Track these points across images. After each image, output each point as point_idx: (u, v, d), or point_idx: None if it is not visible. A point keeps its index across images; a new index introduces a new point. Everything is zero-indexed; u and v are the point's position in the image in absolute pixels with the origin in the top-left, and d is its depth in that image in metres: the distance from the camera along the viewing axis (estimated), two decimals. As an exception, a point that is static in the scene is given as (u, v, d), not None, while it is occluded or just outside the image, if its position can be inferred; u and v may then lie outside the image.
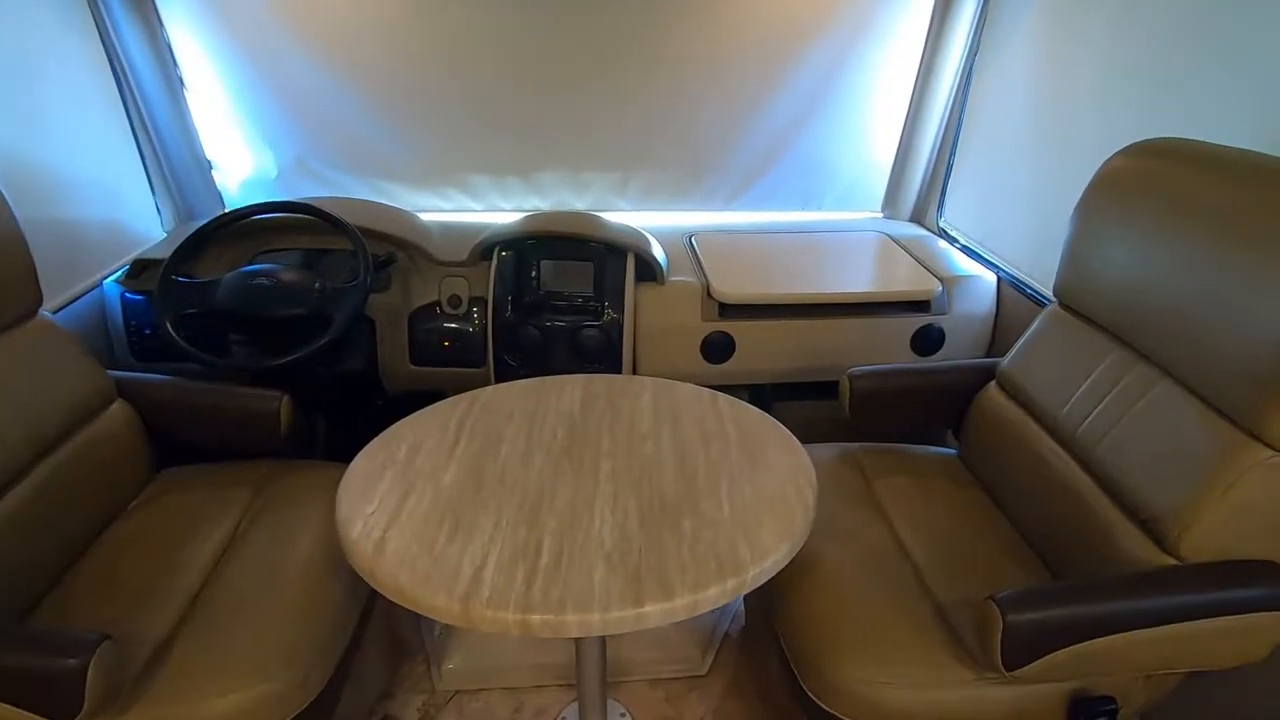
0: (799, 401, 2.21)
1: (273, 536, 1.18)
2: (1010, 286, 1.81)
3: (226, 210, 1.56)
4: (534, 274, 1.74)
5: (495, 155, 2.15)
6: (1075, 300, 1.23)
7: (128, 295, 1.65)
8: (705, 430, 1.16)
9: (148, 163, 1.90)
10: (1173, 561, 0.95)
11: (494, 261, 1.72)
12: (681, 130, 2.13)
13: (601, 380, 1.31)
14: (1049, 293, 1.65)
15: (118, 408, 1.29)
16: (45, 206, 1.52)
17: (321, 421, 2.02)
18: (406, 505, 0.99)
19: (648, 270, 1.74)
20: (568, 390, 1.28)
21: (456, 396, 1.25)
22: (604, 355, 1.71)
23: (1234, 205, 0.97)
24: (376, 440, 1.14)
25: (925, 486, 1.33)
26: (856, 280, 1.89)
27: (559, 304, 1.74)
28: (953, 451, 1.46)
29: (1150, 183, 1.11)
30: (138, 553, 1.16)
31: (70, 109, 1.65)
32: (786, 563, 0.92)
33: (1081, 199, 1.20)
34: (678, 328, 1.76)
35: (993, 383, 1.37)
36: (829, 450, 1.44)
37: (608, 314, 1.70)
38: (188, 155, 2.00)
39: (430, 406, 1.22)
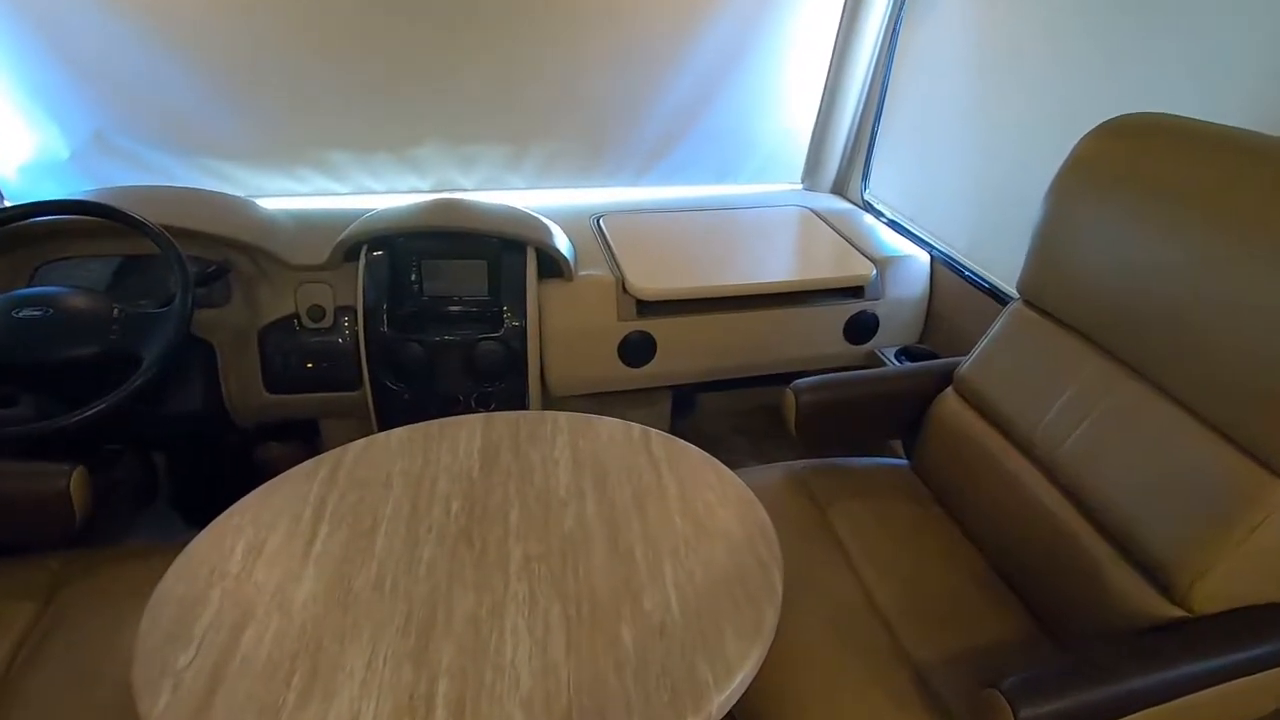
0: (723, 392, 2.04)
1: (64, 678, 0.87)
2: (944, 266, 1.69)
3: None
4: (414, 277, 1.44)
5: (360, 127, 1.79)
6: (1045, 299, 1.09)
7: None
8: (638, 486, 0.94)
9: None
10: (1181, 614, 0.83)
11: (362, 263, 1.41)
12: (582, 97, 1.85)
13: (503, 421, 1.06)
14: (989, 276, 1.54)
15: None
16: None
17: (161, 460, 1.65)
18: (240, 647, 0.71)
19: (552, 265, 1.48)
20: (462, 439, 1.02)
21: (313, 460, 0.96)
22: (505, 371, 1.45)
23: (1234, 189, 0.84)
24: (203, 537, 0.85)
25: (882, 511, 1.18)
26: (786, 267, 1.71)
27: (447, 312, 1.45)
28: (902, 462, 1.32)
29: (1131, 165, 0.96)
30: None
31: None
32: (755, 674, 0.73)
33: (1053, 184, 1.05)
34: (591, 330, 1.53)
35: (949, 389, 1.22)
36: (774, 474, 1.26)
37: (507, 321, 1.43)
38: (-64, 132, 1.52)
39: (278, 479, 0.93)
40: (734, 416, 2.12)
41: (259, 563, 0.81)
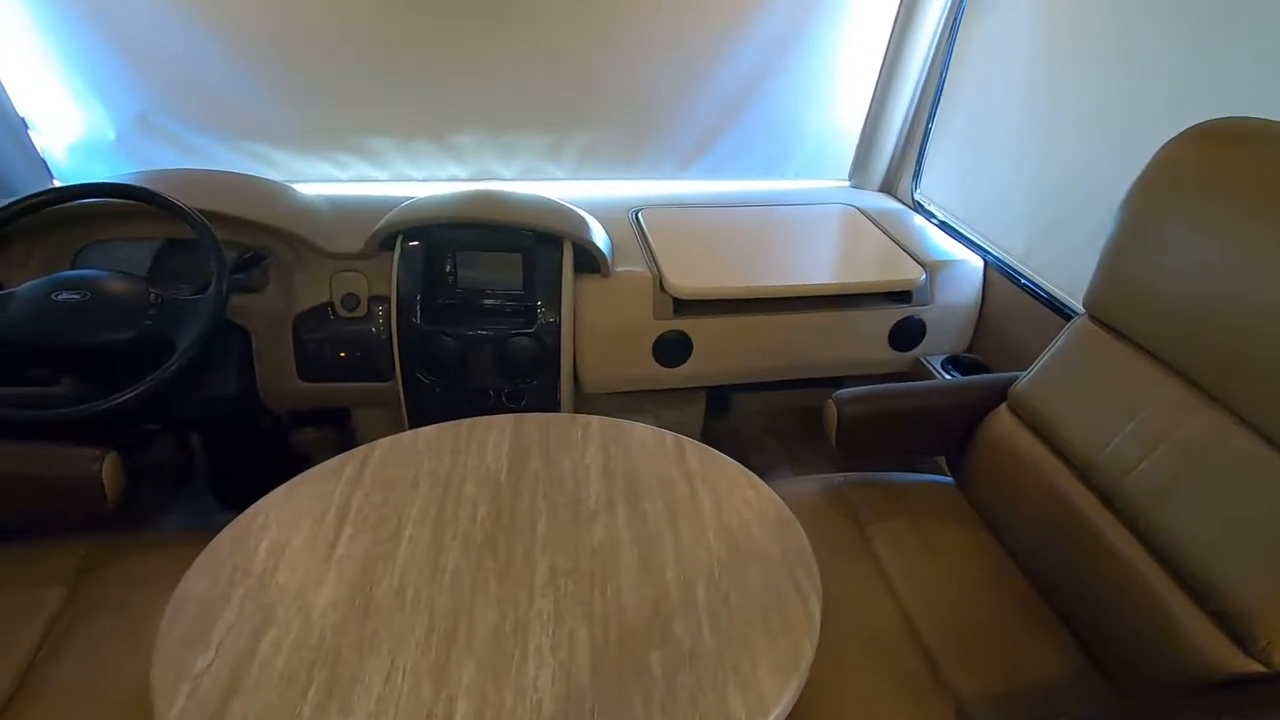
0: (759, 393, 1.99)
1: (88, 668, 0.86)
2: (998, 272, 1.60)
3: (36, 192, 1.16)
4: (448, 268, 1.41)
5: (401, 113, 1.77)
6: (1115, 316, 1.02)
7: None
8: (671, 500, 0.90)
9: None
10: (1259, 669, 0.76)
11: (397, 253, 1.39)
12: (625, 86, 1.80)
13: (534, 423, 1.03)
14: (1048, 285, 1.46)
15: None
16: None
17: (196, 441, 1.67)
18: (259, 652, 0.69)
19: (588, 260, 1.44)
20: (491, 440, 0.99)
21: (340, 457, 0.94)
22: (537, 368, 1.42)
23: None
24: (227, 533, 0.83)
25: (924, 531, 1.12)
26: (831, 268, 1.64)
27: (481, 305, 1.42)
28: (947, 479, 1.26)
29: (1222, 174, 0.88)
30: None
31: None
32: (790, 709, 0.69)
33: (1130, 192, 0.97)
34: (626, 329, 1.48)
35: (1003, 406, 1.15)
36: (811, 487, 1.21)
37: (541, 317, 1.40)
38: (-12, 110, 1.54)
39: (303, 476, 0.92)
40: (768, 417, 2.07)
41: (281, 563, 0.79)
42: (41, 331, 1.05)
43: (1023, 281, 1.52)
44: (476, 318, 1.41)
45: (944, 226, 1.78)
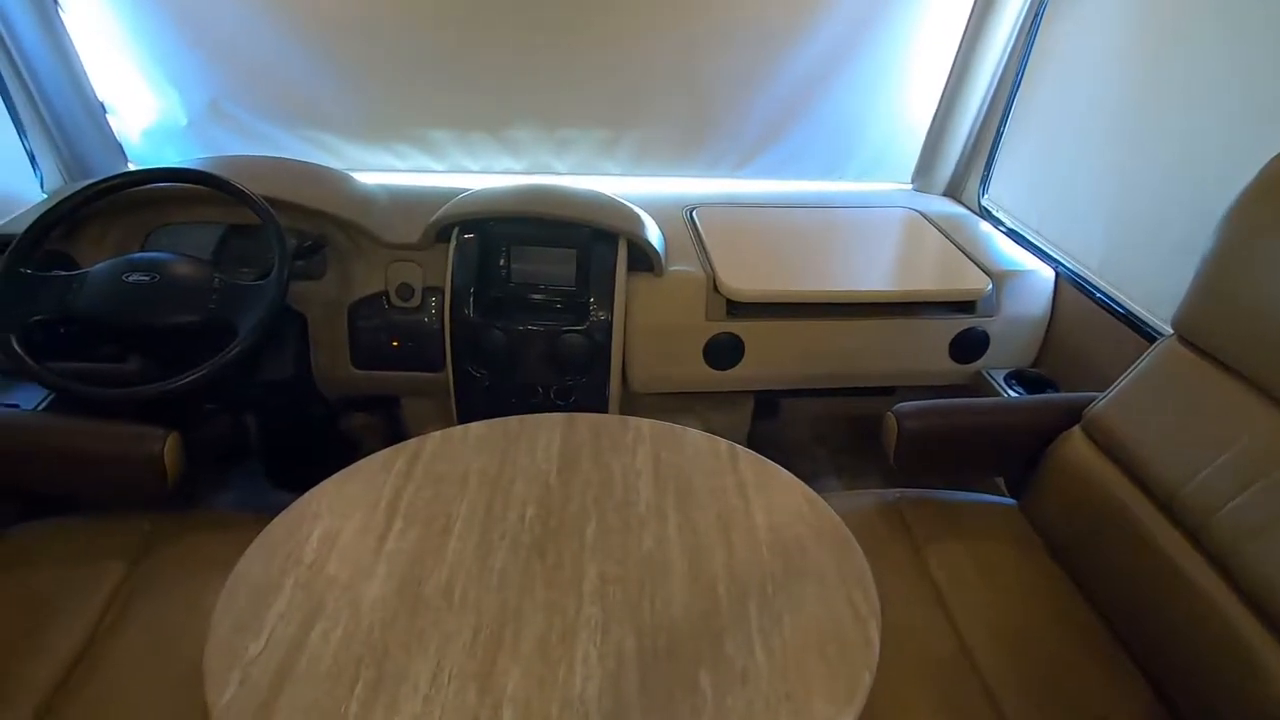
0: (808, 399, 1.94)
1: (144, 646, 0.88)
2: (1071, 285, 1.52)
3: (103, 177, 1.20)
4: (502, 262, 1.41)
5: (460, 106, 1.78)
6: (1208, 339, 0.95)
7: None
8: (724, 510, 0.87)
9: (14, 102, 1.50)
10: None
11: (452, 245, 1.39)
12: (684, 82, 1.77)
13: (584, 424, 1.01)
14: (1126, 300, 1.38)
15: None
16: None
17: (251, 421, 1.71)
18: (309, 644, 0.69)
19: (642, 258, 1.42)
20: (541, 440, 0.98)
21: (391, 450, 0.94)
22: (587, 365, 1.40)
23: None
24: (280, 520, 0.84)
25: (985, 556, 1.07)
26: (890, 275, 1.59)
27: (533, 300, 1.41)
28: (1009, 501, 1.20)
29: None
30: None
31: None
32: (845, 741, 0.66)
33: (1233, 207, 0.90)
34: (677, 329, 1.46)
35: (1077, 428, 1.09)
36: (864, 502, 1.16)
37: (593, 314, 1.39)
38: (71, 95, 1.60)
39: (355, 466, 0.92)
40: (816, 424, 2.02)
41: (333, 554, 0.79)
42: (114, 311, 1.08)
43: (1098, 295, 1.44)
44: (528, 312, 1.40)
45: (1012, 234, 1.70)
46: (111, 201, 1.23)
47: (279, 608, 0.73)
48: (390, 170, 1.85)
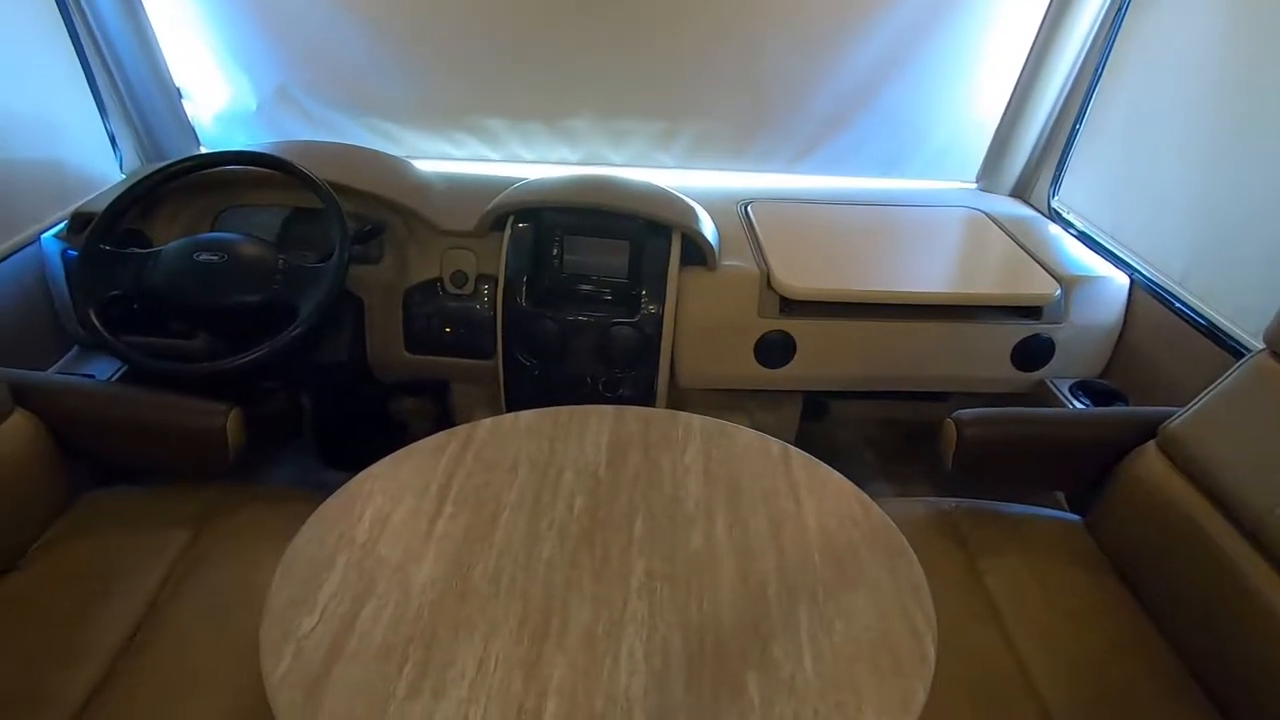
0: (859, 401, 1.90)
1: (204, 611, 0.91)
2: (1147, 293, 1.44)
3: (181, 158, 1.24)
4: (555, 252, 1.41)
5: (517, 96, 1.79)
6: (1305, 356, 0.89)
7: (70, 254, 1.36)
8: (774, 511, 0.85)
9: (99, 86, 1.57)
10: None
11: (507, 234, 1.39)
12: (741, 74, 1.74)
13: (635, 417, 1.01)
14: (1209, 312, 1.30)
15: (17, 421, 1.01)
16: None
17: (307, 401, 1.76)
18: (360, 622, 0.71)
19: (695, 252, 1.40)
20: (590, 431, 0.97)
21: (443, 434, 0.95)
22: (637, 358, 1.40)
23: None
24: (334, 499, 0.86)
25: (1045, 573, 1.02)
26: (951, 276, 1.54)
27: (585, 291, 1.41)
28: (1073, 518, 1.14)
29: None
30: (37, 615, 0.90)
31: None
32: (897, 760, 0.63)
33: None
34: (729, 325, 1.44)
35: (1151, 445, 1.03)
36: (918, 510, 1.13)
37: (644, 307, 1.37)
38: (150, 79, 1.66)
39: (409, 448, 0.93)
40: (866, 427, 1.97)
41: (384, 534, 0.80)
42: (184, 289, 1.12)
43: (1177, 305, 1.36)
44: (579, 303, 1.40)
45: (1084, 238, 1.62)
46: (185, 182, 1.27)
47: (331, 585, 0.74)
48: (447, 158, 1.87)
